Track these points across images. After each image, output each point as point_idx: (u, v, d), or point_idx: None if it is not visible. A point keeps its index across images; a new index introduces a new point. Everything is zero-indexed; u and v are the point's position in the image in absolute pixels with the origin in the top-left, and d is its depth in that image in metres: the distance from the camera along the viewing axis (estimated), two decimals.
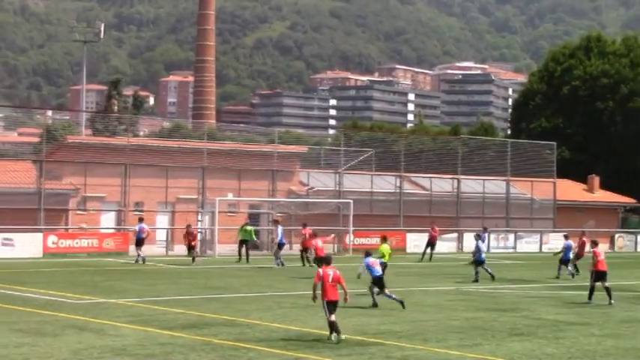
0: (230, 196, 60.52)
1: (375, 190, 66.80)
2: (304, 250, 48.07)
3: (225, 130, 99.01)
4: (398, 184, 67.58)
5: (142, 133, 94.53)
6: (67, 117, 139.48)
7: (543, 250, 70.17)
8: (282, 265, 46.80)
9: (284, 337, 23.54)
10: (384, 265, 34.00)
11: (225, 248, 56.45)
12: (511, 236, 69.87)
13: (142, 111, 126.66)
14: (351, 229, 60.24)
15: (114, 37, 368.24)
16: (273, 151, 64.03)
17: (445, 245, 64.87)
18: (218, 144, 66.59)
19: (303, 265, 47.15)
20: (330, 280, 22.55)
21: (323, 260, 23.55)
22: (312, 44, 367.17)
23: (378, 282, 29.94)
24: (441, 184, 70.55)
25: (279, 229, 49.12)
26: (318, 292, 22.66)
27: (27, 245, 49.30)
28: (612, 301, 32.43)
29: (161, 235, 58.24)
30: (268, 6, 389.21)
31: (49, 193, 54.52)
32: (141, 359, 20.07)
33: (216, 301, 31.22)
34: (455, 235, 66.91)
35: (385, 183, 68.31)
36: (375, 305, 30.11)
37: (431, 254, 55.02)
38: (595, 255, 32.96)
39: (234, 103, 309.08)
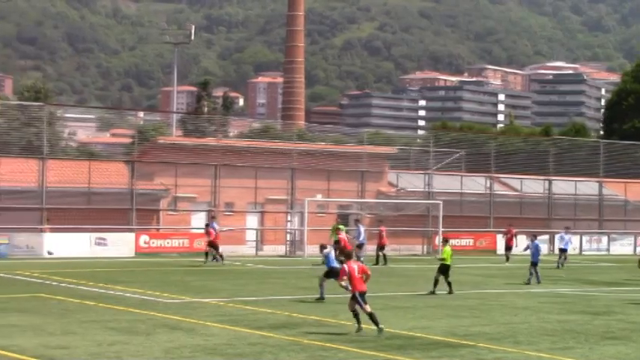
0: (319, 197, 60.61)
1: (465, 191, 66.32)
2: (380, 248, 48.65)
3: (315, 130, 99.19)
4: (488, 185, 67.00)
5: (231, 134, 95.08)
6: (158, 118, 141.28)
7: (638, 252, 68.88)
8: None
9: (374, 338, 23.45)
10: (445, 267, 34.24)
11: (316, 249, 56.52)
12: (604, 238, 68.77)
13: (231, 112, 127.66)
14: (441, 230, 59.81)
15: (204, 39, 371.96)
16: (363, 151, 63.95)
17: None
18: (307, 145, 66.74)
19: (376, 263, 47.58)
20: (356, 273, 23.73)
21: (346, 255, 24.60)
22: (401, 45, 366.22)
23: (331, 273, 30.92)
24: (532, 186, 69.74)
25: (361, 228, 49.14)
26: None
27: (119, 245, 50.01)
28: None
29: (251, 235, 58.57)
30: (357, 6, 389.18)
31: (140, 193, 55.23)
32: (231, 359, 20.17)
33: (306, 301, 31.25)
34: (546, 237, 66.04)
35: (475, 184, 67.76)
36: (321, 299, 31.00)
37: (507, 256, 54.25)
38: None
39: (323, 103, 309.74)
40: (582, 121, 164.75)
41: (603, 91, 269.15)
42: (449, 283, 34.40)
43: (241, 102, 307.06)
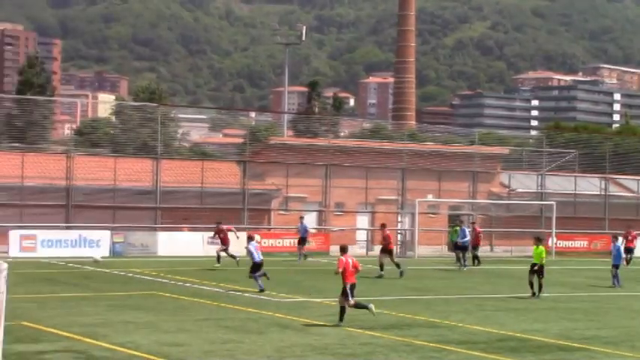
0: (430, 198, 60.33)
1: (579, 192, 65.21)
2: (474, 247, 48.20)
3: (426, 131, 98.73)
4: (603, 186, 65.79)
5: (342, 134, 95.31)
6: (270, 118, 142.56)
7: None
8: (464, 266, 46.22)
9: (485, 340, 23.25)
10: (539, 268, 33.14)
11: (426, 249, 56.39)
12: None
13: (342, 112, 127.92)
14: (554, 231, 58.96)
15: (315, 40, 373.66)
16: (474, 152, 63.45)
17: None
18: (418, 145, 66.49)
19: (472, 264, 47.08)
20: (350, 267, 25.56)
21: (342, 249, 26.19)
22: (513, 44, 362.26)
23: (257, 267, 32.31)
24: None
25: (466, 230, 48.77)
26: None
27: (231, 244, 50.36)
28: None
29: (361, 235, 58.59)
30: (469, 6, 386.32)
31: (252, 193, 55.74)
32: (342, 358, 20.20)
33: (416, 302, 31.15)
34: None
35: (589, 185, 66.61)
36: (261, 290, 31.90)
37: (628, 258, 52.93)
38: None
39: (434, 104, 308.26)
40: None
41: None
42: (540, 285, 33.44)
43: (352, 102, 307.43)
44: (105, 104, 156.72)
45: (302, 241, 48.60)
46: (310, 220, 57.93)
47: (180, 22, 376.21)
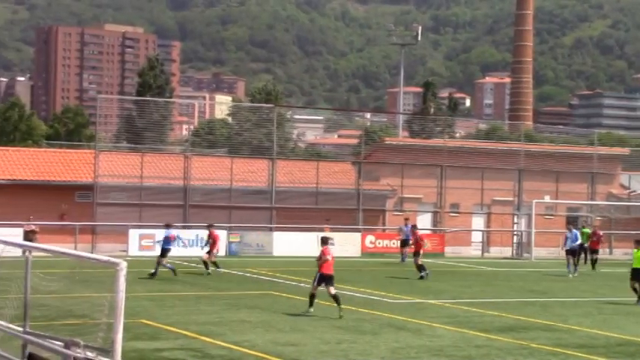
0: (547, 199, 59.45)
1: None
2: (593, 251, 47.49)
3: (543, 131, 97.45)
4: None
5: (457, 135, 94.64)
6: (385, 119, 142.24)
7: None
8: (574, 272, 45.46)
9: (604, 344, 22.79)
10: (637, 272, 31.50)
11: (543, 251, 55.62)
12: None
13: (457, 113, 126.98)
14: None
15: (430, 40, 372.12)
16: (593, 153, 62.32)
17: None
18: (535, 145, 65.63)
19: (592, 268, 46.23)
20: (330, 257, 26.75)
21: (323, 241, 27.48)
22: (634, 43, 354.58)
23: (164, 253, 35.33)
24: None
25: (574, 232, 47.84)
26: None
27: (346, 244, 50.56)
28: None
29: (476, 237, 58.09)
30: (589, 4, 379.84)
31: (366, 193, 55.73)
32: None
33: (533, 304, 30.70)
34: None
35: None
36: (153, 274, 34.31)
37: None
38: None
39: (551, 104, 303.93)
40: None
41: None
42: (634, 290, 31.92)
43: (468, 103, 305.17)
44: (221, 105, 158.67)
45: (405, 243, 48.16)
46: (425, 221, 57.67)
47: (296, 24, 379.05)
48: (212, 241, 38.69)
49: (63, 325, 22.36)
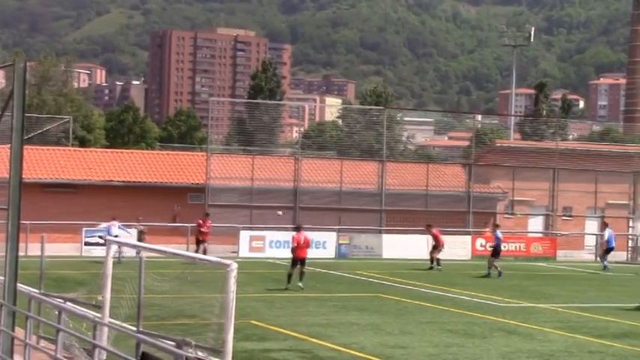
0: None
1: None
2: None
3: None
4: None
5: (570, 137, 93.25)
6: (496, 121, 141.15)
7: None
8: (606, 268, 44.58)
9: None
10: None
11: None
12: None
13: (571, 115, 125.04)
14: None
15: (543, 41, 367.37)
16: None
17: None
18: None
19: None
20: (302, 242, 31.84)
21: (296, 228, 33.52)
22: None
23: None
24: None
25: (607, 232, 46.79)
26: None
27: (456, 247, 50.15)
28: None
29: (590, 240, 57.05)
30: None
31: (477, 196, 55.25)
32: None
33: None
34: None
35: None
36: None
37: None
38: None
39: None
40: None
41: None
42: None
43: (581, 104, 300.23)
44: (331, 108, 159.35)
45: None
46: (536, 224, 56.93)
47: (406, 26, 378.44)
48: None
49: (174, 324, 22.69)
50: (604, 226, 48.97)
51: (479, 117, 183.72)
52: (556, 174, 57.02)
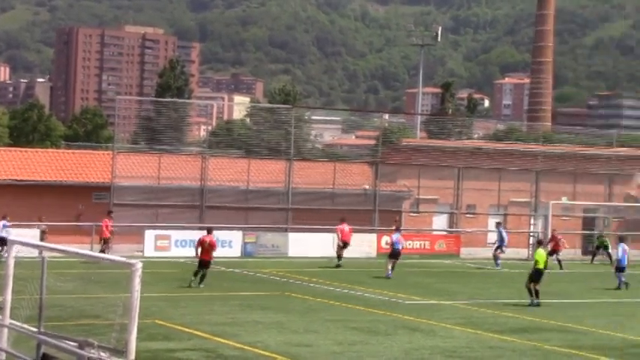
0: (564, 200, 59.27)
1: None
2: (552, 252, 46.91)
3: (561, 132, 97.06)
4: None
5: (476, 136, 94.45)
6: (403, 120, 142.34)
7: None
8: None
9: (620, 345, 22.78)
10: (539, 273, 30.66)
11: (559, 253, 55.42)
12: None
13: (476, 114, 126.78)
14: None
15: (450, 40, 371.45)
16: (611, 154, 62.07)
17: None
18: (553, 147, 65.36)
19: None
20: (206, 244, 32.75)
21: (208, 230, 34.03)
22: None
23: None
24: None
25: (503, 232, 47.95)
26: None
27: (361, 245, 50.49)
28: None
29: (492, 238, 57.86)
30: (610, 4, 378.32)
31: (383, 194, 55.67)
32: None
33: (548, 306, 30.64)
34: None
35: None
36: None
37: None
38: None
39: (570, 105, 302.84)
40: None
41: None
42: (536, 292, 30.76)
43: (487, 103, 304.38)
44: (240, 106, 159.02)
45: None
46: (441, 223, 57.63)
47: (316, 25, 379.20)
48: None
49: (77, 325, 22.48)
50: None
51: (386, 116, 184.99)
52: (461, 172, 57.77)
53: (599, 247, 52.68)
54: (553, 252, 47.59)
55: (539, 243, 32.64)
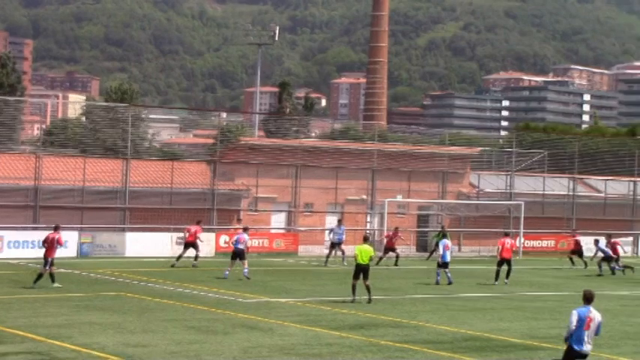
0: (399, 198, 60.45)
1: (547, 193, 65.52)
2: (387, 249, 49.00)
3: (396, 131, 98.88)
4: (571, 187, 66.14)
5: (313, 135, 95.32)
6: (241, 119, 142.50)
7: None
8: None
9: (451, 339, 23.36)
10: (357, 268, 30.35)
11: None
12: None
13: (313, 112, 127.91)
14: (522, 231, 59.31)
15: (288, 40, 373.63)
16: (444, 152, 63.62)
17: (620, 249, 63.30)
18: (388, 145, 66.53)
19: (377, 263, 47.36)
20: (55, 243, 32.71)
21: (55, 228, 33.72)
22: (485, 44, 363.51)
23: None
24: (617, 187, 68.60)
25: (342, 228, 49.09)
26: None
27: (201, 244, 50.23)
28: None
29: (330, 235, 58.56)
30: (442, 6, 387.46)
31: (221, 193, 55.62)
32: (308, 358, 20.24)
33: (384, 302, 31.22)
34: (630, 239, 65.06)
35: (558, 185, 66.95)
36: None
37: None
38: None
39: (405, 104, 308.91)
40: None
41: None
42: (367, 288, 30.54)
43: (324, 103, 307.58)
44: (75, 105, 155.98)
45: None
46: (279, 220, 57.94)
47: (152, 23, 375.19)
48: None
49: None
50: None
51: (224, 114, 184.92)
52: (298, 171, 58.21)
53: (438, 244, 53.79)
54: (389, 249, 48.71)
55: (365, 239, 32.68)
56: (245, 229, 40.77)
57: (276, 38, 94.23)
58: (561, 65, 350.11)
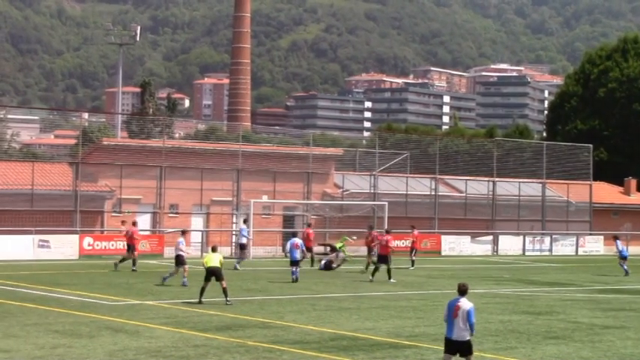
0: (265, 199, 60.55)
1: (410, 193, 66.60)
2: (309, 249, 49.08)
3: (261, 132, 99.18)
4: (433, 187, 67.37)
5: (177, 136, 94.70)
6: (103, 119, 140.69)
7: (579, 253, 69.76)
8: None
9: (318, 339, 23.51)
10: (213, 272, 30.80)
11: (260, 250, 56.59)
12: (547, 239, 69.49)
13: (176, 113, 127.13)
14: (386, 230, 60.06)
15: (149, 40, 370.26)
16: (309, 153, 63.99)
17: (480, 248, 64.84)
18: (253, 146, 66.64)
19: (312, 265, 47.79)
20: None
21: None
22: (347, 46, 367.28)
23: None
24: (477, 187, 70.22)
25: (245, 230, 49.45)
26: None
27: (63, 247, 49.54)
28: None
29: (196, 237, 58.30)
30: (303, 8, 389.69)
31: (84, 195, 54.77)
32: None
33: (251, 303, 31.25)
34: (490, 237, 66.64)
35: (420, 185, 68.12)
36: None
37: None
38: None
39: (269, 105, 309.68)
40: (525, 123, 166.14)
41: (546, 94, 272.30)
42: (224, 290, 30.57)
43: (187, 103, 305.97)
44: None
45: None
46: (144, 222, 57.33)
47: (9, 21, 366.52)
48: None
49: None
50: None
51: (85, 115, 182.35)
52: (162, 172, 57.74)
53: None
54: (371, 249, 48.37)
55: (213, 249, 33.00)
56: (183, 233, 40.34)
57: (138, 38, 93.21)
58: (421, 67, 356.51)
